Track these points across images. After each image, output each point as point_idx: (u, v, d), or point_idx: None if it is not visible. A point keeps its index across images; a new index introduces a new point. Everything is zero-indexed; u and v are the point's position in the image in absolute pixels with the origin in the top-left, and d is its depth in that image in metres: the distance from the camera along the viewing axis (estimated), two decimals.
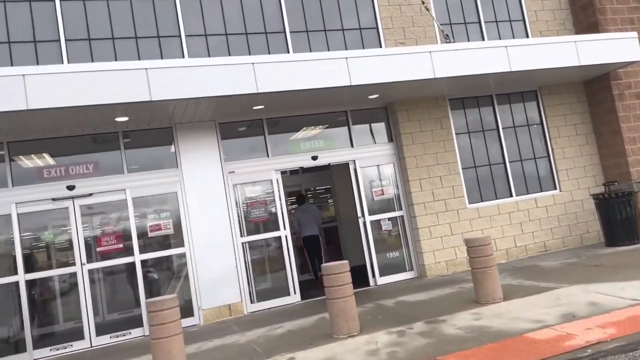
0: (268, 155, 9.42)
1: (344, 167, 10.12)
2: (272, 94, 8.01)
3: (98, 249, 8.38)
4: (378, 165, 10.07)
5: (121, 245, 8.49)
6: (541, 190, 10.82)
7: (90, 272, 8.27)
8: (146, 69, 7.36)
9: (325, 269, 6.29)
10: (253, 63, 7.86)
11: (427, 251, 9.78)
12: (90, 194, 8.42)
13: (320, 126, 9.88)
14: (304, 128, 9.77)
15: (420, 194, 9.91)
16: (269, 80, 7.88)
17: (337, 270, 6.21)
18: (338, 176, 12.13)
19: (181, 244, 8.75)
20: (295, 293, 9.21)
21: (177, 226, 8.78)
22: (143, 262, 8.53)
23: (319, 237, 11.31)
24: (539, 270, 8.67)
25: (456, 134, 10.43)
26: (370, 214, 9.84)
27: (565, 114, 11.14)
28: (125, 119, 8.14)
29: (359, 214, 9.83)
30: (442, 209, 9.99)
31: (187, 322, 8.55)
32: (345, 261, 6.35)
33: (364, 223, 9.80)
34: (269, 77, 7.88)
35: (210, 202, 8.90)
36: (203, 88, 7.55)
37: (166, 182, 8.79)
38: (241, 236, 9.06)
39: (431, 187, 10.00)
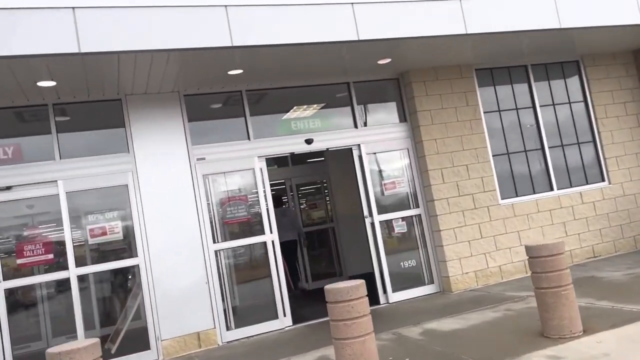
0: (249, 138, 7.30)
1: (343, 155, 8.01)
2: (251, 49, 5.89)
3: (18, 262, 6.20)
4: (389, 151, 7.99)
5: (51, 256, 6.32)
6: (587, 183, 8.82)
7: (7, 292, 6.09)
8: (73, 7, 5.21)
9: (331, 293, 4.19)
10: (226, 6, 5.74)
11: (451, 259, 7.72)
12: (9, 188, 6.25)
13: (316, 103, 7.79)
14: (295, 105, 7.66)
15: (442, 187, 7.85)
16: (248, 30, 5.77)
17: (350, 296, 4.11)
18: (336, 166, 10.02)
19: (133, 254, 6.59)
20: (284, 315, 7.10)
21: (128, 230, 6.63)
22: (81, 279, 6.37)
23: (297, 242, 9.87)
24: (604, 285, 6.64)
25: (484, 112, 8.39)
26: (379, 212, 7.76)
27: (613, 89, 9.14)
28: (51, 83, 5.97)
29: (366, 212, 7.74)
30: (469, 205, 7.94)
31: (141, 357, 6.40)
32: (361, 281, 4.25)
33: (372, 224, 7.71)
34: (247, 25, 5.77)
35: (172, 197, 6.77)
36: (152, 38, 5.42)
37: (113, 172, 6.63)
38: (214, 242, 6.93)
39: (455, 178, 7.94)
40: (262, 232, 7.16)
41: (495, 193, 8.14)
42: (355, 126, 7.88)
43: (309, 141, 7.54)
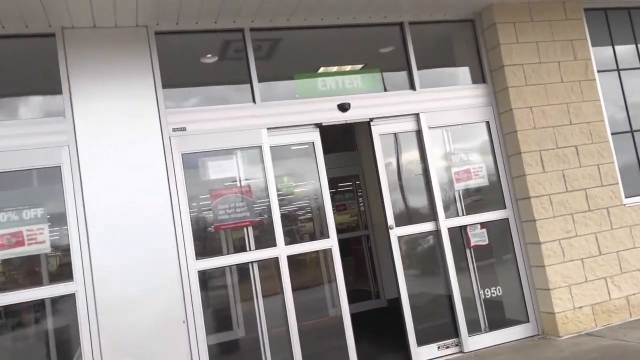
0: (254, 100, 4.84)
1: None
2: None
3: None
4: (460, 125, 5.44)
5: None
6: None
7: None
8: None
9: None
10: None
11: (557, 286, 5.12)
12: None
13: (354, 53, 5.29)
14: (324, 54, 5.18)
15: (541, 178, 5.26)
16: None
17: None
18: (370, 152, 7.50)
19: (67, 276, 4.17)
20: None
21: (60, 237, 4.22)
22: None
23: None
24: None
25: (598, 71, 5.78)
26: (447, 214, 5.21)
27: None
28: None
29: (427, 213, 5.20)
30: (581, 206, 5.34)
31: None
32: None
33: (437, 231, 5.17)
34: None
35: (133, 188, 4.34)
36: None
37: (40, 146, 4.24)
38: (197, 258, 4.47)
39: (561, 165, 5.35)
40: (272, 243, 4.68)
41: (617, 188, 5.52)
42: (412, 87, 5.35)
43: (343, 107, 5.04)
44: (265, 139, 4.77)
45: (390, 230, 5.04)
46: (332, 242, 4.88)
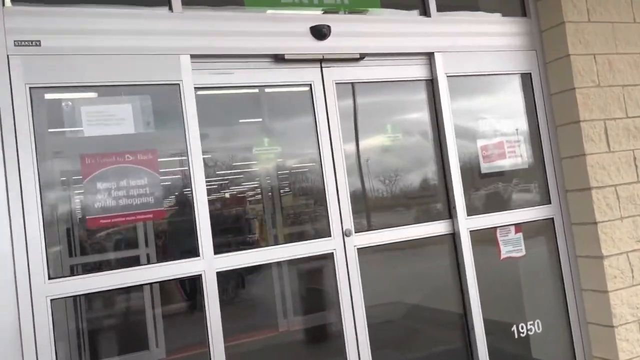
0: (170, 7, 2.83)
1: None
2: None
3: None
4: (489, 75, 3.62)
5: None
6: None
7: None
8: None
9: None
10: None
11: (623, 322, 3.43)
12: None
13: None
14: None
15: (604, 160, 3.53)
16: None
17: None
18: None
19: None
20: None
21: None
22: None
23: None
24: None
25: None
26: (469, 210, 3.40)
27: None
28: None
29: (442, 208, 3.38)
30: None
31: None
32: None
33: (457, 235, 3.35)
34: None
35: None
36: None
37: None
38: (51, 279, 2.46)
39: (631, 143, 3.63)
40: (193, 252, 2.72)
41: None
42: (425, 12, 3.47)
43: (320, 32, 3.11)
44: (186, 73, 2.79)
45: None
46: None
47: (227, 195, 2.98)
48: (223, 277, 2.79)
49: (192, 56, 2.81)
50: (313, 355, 3.21)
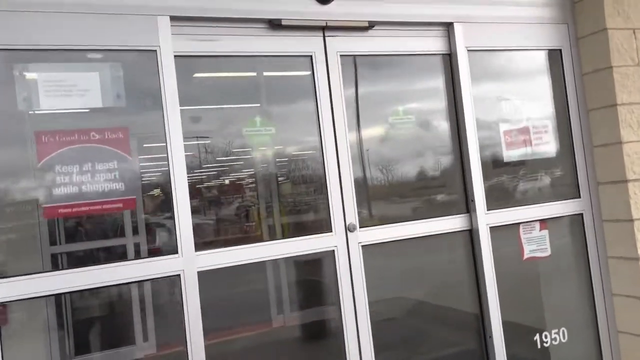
0: None
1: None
2: None
3: None
4: (515, 50, 3.19)
5: None
6: None
7: None
8: None
9: None
10: None
11: None
12: None
13: None
14: None
15: None
16: None
17: None
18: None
19: None
20: None
21: None
22: None
23: None
24: None
25: None
26: (488, 204, 2.99)
27: None
28: None
29: (459, 201, 2.98)
30: None
31: None
32: None
33: (475, 232, 2.95)
34: None
35: None
36: None
37: None
38: None
39: None
40: (171, 248, 2.32)
41: None
42: None
43: None
44: (165, 39, 2.36)
45: (352, 233, 2.77)
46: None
47: (212, 183, 2.58)
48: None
49: (172, 18, 2.39)
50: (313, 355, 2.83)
